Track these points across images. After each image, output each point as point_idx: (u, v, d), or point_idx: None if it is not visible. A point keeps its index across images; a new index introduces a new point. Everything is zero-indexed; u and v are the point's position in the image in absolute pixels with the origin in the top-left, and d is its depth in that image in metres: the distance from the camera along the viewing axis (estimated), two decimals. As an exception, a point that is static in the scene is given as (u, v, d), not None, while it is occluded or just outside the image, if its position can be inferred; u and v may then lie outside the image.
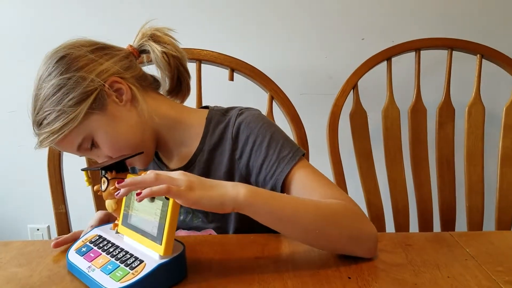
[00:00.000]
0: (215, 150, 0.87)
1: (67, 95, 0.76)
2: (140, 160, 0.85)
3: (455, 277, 0.67)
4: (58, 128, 0.76)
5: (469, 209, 1.25)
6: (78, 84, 0.77)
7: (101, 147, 0.80)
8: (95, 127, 0.78)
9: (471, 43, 1.23)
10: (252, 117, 0.86)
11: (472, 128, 1.24)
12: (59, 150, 0.86)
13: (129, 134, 0.81)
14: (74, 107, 0.76)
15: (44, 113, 0.77)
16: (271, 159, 0.81)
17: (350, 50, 1.57)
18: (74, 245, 0.75)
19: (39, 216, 1.82)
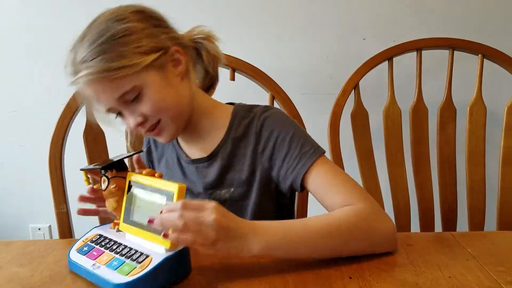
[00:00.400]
0: (239, 143, 0.89)
1: (137, 42, 0.77)
2: (167, 133, 0.84)
3: (456, 277, 0.67)
4: (115, 67, 0.74)
5: (471, 209, 1.24)
6: (151, 36, 0.79)
7: (143, 103, 0.79)
8: (148, 81, 0.78)
9: (473, 43, 1.23)
10: (276, 115, 0.90)
11: (474, 128, 1.24)
12: (91, 95, 0.79)
13: (175, 100, 0.83)
14: (140, 55, 0.76)
15: (102, 49, 0.75)
16: (293, 153, 0.84)
17: (351, 50, 1.57)
18: (75, 245, 0.74)
19: (41, 215, 1.82)
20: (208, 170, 0.90)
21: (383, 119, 1.24)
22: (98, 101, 0.80)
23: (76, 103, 1.12)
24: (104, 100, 0.79)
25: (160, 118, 0.81)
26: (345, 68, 1.26)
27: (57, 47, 1.72)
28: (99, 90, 0.77)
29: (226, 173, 0.89)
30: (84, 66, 0.75)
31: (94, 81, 0.75)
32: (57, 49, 1.76)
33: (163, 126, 0.82)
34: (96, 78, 0.75)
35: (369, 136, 1.24)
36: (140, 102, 0.79)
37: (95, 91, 0.78)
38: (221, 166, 0.89)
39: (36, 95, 1.71)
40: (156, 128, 0.82)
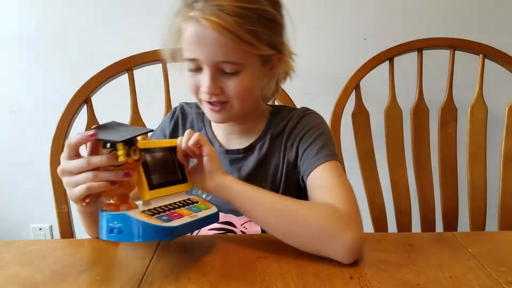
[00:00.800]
0: (275, 140, 0.91)
1: (272, 31, 0.80)
2: (225, 115, 0.85)
3: (458, 277, 0.67)
4: (244, 38, 0.75)
5: (472, 209, 1.24)
6: (279, 34, 0.83)
7: (233, 81, 0.80)
8: (251, 68, 0.80)
9: (474, 43, 1.23)
10: (314, 115, 0.93)
11: (475, 128, 1.24)
12: (194, 37, 0.77)
13: (253, 96, 0.87)
14: (266, 43, 0.78)
15: (246, 14, 0.75)
16: (313, 149, 0.86)
17: (352, 50, 1.57)
18: (148, 220, 0.64)
19: (42, 215, 1.83)
20: (243, 163, 0.92)
21: (384, 119, 1.24)
22: (198, 48, 0.77)
23: (77, 104, 1.12)
24: (205, 51, 0.77)
25: (229, 101, 0.82)
26: (346, 68, 1.26)
27: (58, 47, 1.74)
28: (212, 41, 0.75)
29: (261, 168, 0.91)
30: (219, 12, 0.73)
31: (218, 31, 0.74)
32: (58, 49, 1.78)
33: (227, 108, 0.83)
34: (221, 31, 0.73)
35: (370, 136, 1.24)
36: (230, 78, 0.80)
37: (207, 38, 0.76)
38: (257, 161, 0.91)
39: (37, 95, 1.71)
40: (219, 106, 0.83)
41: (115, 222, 0.63)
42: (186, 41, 0.79)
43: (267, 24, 0.78)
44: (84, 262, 0.74)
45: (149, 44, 1.19)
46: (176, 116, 1.00)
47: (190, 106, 1.00)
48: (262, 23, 0.77)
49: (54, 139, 1.10)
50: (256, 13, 0.76)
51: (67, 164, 0.65)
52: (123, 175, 0.64)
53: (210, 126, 0.96)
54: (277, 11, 0.82)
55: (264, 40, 0.78)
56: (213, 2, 0.74)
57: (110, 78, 1.15)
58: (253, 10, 0.75)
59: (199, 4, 0.75)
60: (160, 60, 1.18)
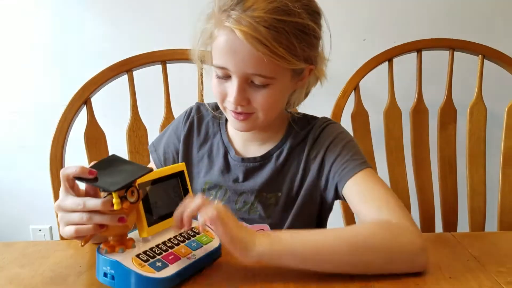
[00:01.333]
0: (294, 150, 0.89)
1: (306, 44, 0.76)
2: (249, 125, 0.83)
3: (457, 277, 0.67)
4: (277, 52, 0.72)
5: (471, 210, 1.24)
6: (313, 46, 0.79)
7: (261, 94, 0.77)
8: (281, 81, 0.78)
9: (473, 43, 1.23)
10: (336, 126, 0.90)
11: (474, 128, 1.24)
12: (226, 45, 0.74)
13: (280, 108, 0.85)
14: (299, 57, 0.75)
15: (282, 27, 0.71)
16: (343, 159, 0.83)
17: (352, 50, 1.57)
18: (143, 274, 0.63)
19: (41, 217, 1.83)
20: (259, 172, 0.89)
21: (384, 120, 1.24)
22: (229, 57, 0.75)
23: (76, 105, 1.12)
24: (237, 62, 0.75)
25: (255, 112, 0.80)
26: (345, 69, 1.26)
27: (59, 48, 1.74)
28: (245, 53, 0.73)
29: (277, 177, 0.89)
30: (256, 24, 0.70)
31: (252, 45, 0.71)
32: (58, 50, 1.78)
33: (252, 118, 0.81)
34: (256, 45, 0.70)
35: (369, 137, 1.24)
36: (258, 91, 0.77)
37: (240, 49, 0.73)
38: (273, 170, 0.88)
39: (37, 96, 1.71)
40: (244, 116, 0.80)
41: (108, 267, 0.62)
42: (218, 48, 0.76)
43: (304, 38, 0.75)
44: (84, 264, 0.74)
45: (149, 45, 1.20)
46: (191, 117, 0.96)
47: (205, 108, 0.97)
48: (299, 37, 0.74)
49: (54, 140, 1.10)
50: (294, 26, 0.73)
51: (63, 202, 0.64)
52: (117, 220, 0.62)
53: (226, 131, 0.94)
54: (316, 22, 0.78)
55: (299, 55, 0.75)
56: (250, 13, 0.71)
57: (110, 79, 1.15)
58: (292, 24, 0.72)
59: (235, 13, 0.72)
60: (160, 61, 1.18)
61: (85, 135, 1.14)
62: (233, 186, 0.90)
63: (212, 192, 0.91)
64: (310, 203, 0.88)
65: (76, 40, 1.64)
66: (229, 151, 0.92)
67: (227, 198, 0.90)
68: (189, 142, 0.95)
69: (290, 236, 0.66)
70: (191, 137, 0.95)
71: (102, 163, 0.64)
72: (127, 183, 0.60)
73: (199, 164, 0.94)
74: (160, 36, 1.60)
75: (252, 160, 0.90)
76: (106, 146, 1.16)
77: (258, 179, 0.89)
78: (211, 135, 0.94)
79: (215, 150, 0.93)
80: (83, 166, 0.61)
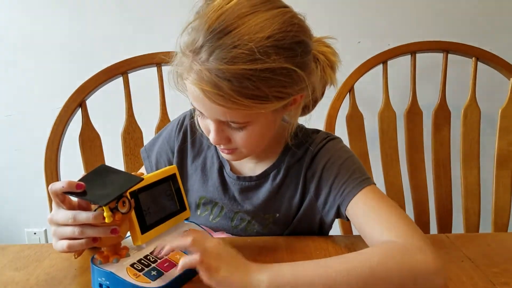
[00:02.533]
0: (291, 169, 0.84)
1: (280, 86, 0.67)
2: (236, 157, 0.79)
3: (451, 278, 0.67)
4: (245, 104, 0.66)
5: (466, 211, 1.25)
6: (291, 82, 0.69)
7: (240, 135, 0.73)
8: (259, 121, 0.72)
9: (466, 46, 1.24)
10: (335, 142, 0.85)
11: (468, 130, 1.24)
12: (195, 95, 0.68)
13: (266, 141, 0.79)
14: (275, 100, 0.68)
15: (244, 74, 0.64)
16: (341, 179, 0.78)
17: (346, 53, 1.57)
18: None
19: (36, 220, 1.82)
20: (255, 191, 0.85)
21: (378, 122, 1.25)
22: (199, 105, 0.71)
23: (71, 107, 1.12)
24: (206, 111, 0.71)
25: (238, 148, 0.76)
26: (340, 71, 1.26)
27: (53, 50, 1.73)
28: (211, 106, 0.68)
29: (274, 197, 0.84)
30: (216, 80, 0.64)
31: (213, 102, 0.66)
32: (53, 52, 1.77)
33: (237, 153, 0.78)
34: (217, 100, 0.66)
35: (364, 139, 1.24)
36: (237, 132, 0.73)
37: (205, 102, 0.68)
38: (270, 191, 0.84)
39: (32, 99, 1.71)
40: (229, 150, 0.77)
41: (103, 278, 0.62)
42: (188, 94, 0.72)
43: (278, 80, 0.67)
44: (79, 267, 0.74)
45: (144, 47, 1.20)
46: (185, 126, 0.92)
47: None
48: (270, 81, 0.66)
49: (49, 142, 1.10)
50: (261, 73, 0.65)
51: (54, 216, 0.63)
52: (110, 231, 0.61)
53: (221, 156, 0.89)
54: (295, 55, 0.68)
55: (273, 97, 0.68)
56: (212, 64, 0.64)
57: (105, 82, 1.15)
58: (258, 71, 0.64)
59: (196, 65, 0.66)
60: (155, 63, 1.18)
61: (80, 138, 1.14)
62: (229, 204, 0.87)
63: (207, 207, 0.89)
64: (309, 223, 0.85)
65: (71, 42, 1.64)
66: (224, 167, 0.88)
67: (223, 215, 0.87)
68: (183, 153, 0.92)
69: (291, 271, 0.61)
70: (185, 147, 0.92)
71: (91, 174, 0.64)
72: (117, 196, 0.60)
73: (192, 176, 0.91)
74: (156, 38, 1.59)
75: (248, 179, 0.86)
76: (101, 148, 1.16)
77: (254, 200, 0.85)
78: (205, 147, 0.91)
79: (209, 163, 0.89)
80: (70, 180, 0.60)
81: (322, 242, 0.81)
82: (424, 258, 0.62)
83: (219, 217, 0.88)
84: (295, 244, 0.80)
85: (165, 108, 1.20)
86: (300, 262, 0.63)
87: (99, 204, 0.60)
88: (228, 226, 0.87)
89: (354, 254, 0.65)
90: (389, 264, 0.61)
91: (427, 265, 0.62)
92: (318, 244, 0.80)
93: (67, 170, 1.13)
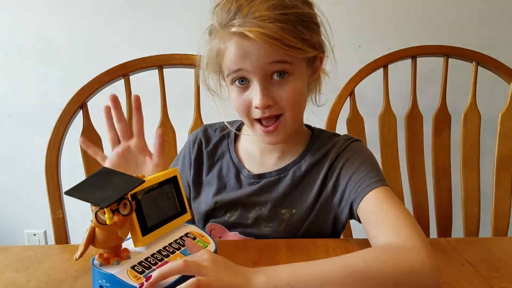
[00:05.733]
0: (313, 168, 0.87)
1: (315, 32, 0.79)
2: (281, 133, 0.82)
3: (451, 283, 0.67)
4: (290, 44, 0.74)
5: (466, 215, 1.25)
6: (317, 30, 0.81)
7: (285, 87, 0.78)
8: (299, 71, 0.79)
9: (467, 50, 1.24)
10: (357, 144, 0.89)
11: (468, 134, 1.24)
12: (236, 50, 0.76)
13: (304, 101, 0.84)
14: (312, 46, 0.78)
15: (287, 19, 0.74)
16: (358, 177, 0.81)
17: (347, 57, 1.58)
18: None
19: (36, 221, 1.82)
20: (275, 186, 0.87)
21: (379, 126, 1.25)
22: (244, 59, 0.76)
23: (73, 109, 1.12)
24: (252, 61, 0.75)
25: (282, 113, 0.79)
26: (341, 75, 1.26)
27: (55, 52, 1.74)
28: (259, 51, 0.74)
29: (293, 194, 0.87)
30: (260, 23, 0.72)
31: (263, 41, 0.72)
32: (54, 54, 1.77)
33: (282, 123, 0.80)
34: (267, 40, 0.72)
35: (364, 142, 1.24)
36: (282, 85, 0.78)
37: (252, 50, 0.74)
38: (289, 185, 0.87)
39: (33, 100, 1.71)
40: (275, 124, 0.80)
41: (103, 281, 0.62)
42: (229, 58, 0.77)
43: (308, 25, 0.77)
44: (80, 268, 0.74)
45: (146, 49, 1.20)
46: (199, 139, 0.96)
47: (214, 129, 0.97)
48: (304, 25, 0.76)
49: (50, 144, 1.10)
50: (296, 16, 0.75)
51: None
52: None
53: (235, 151, 0.93)
54: (312, 9, 0.81)
55: (308, 42, 0.76)
56: (251, 15, 0.73)
57: (106, 84, 1.15)
58: (293, 14, 0.74)
59: (237, 21, 0.74)
60: (156, 66, 1.18)
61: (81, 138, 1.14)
62: (246, 200, 0.88)
63: (223, 209, 0.90)
64: (323, 221, 0.86)
65: (73, 44, 1.64)
66: (241, 171, 0.90)
67: (237, 215, 0.89)
68: (199, 167, 0.95)
69: (288, 272, 0.61)
70: (200, 160, 0.95)
71: (93, 177, 0.64)
72: (118, 198, 0.60)
73: (207, 187, 0.93)
74: (157, 41, 1.60)
75: (268, 175, 0.88)
76: (103, 150, 1.16)
77: (273, 194, 0.87)
78: (220, 157, 0.93)
79: (225, 171, 0.92)
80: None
81: (322, 244, 0.81)
82: (417, 257, 0.63)
83: (235, 216, 0.89)
84: (294, 246, 0.80)
85: (166, 110, 1.20)
86: (296, 264, 0.64)
87: (100, 206, 0.60)
88: (244, 224, 0.88)
89: (350, 254, 0.66)
90: (384, 262, 0.63)
91: (421, 264, 0.63)
92: (318, 247, 0.80)
93: (68, 172, 1.13)
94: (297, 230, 0.86)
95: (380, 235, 0.71)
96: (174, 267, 0.59)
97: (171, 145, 1.20)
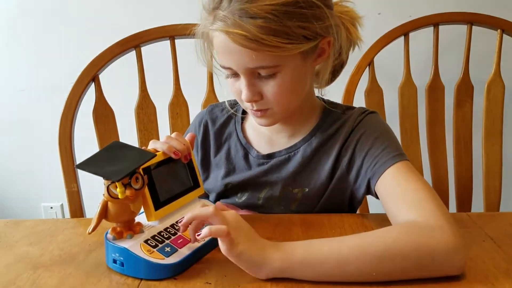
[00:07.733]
0: (325, 144, 0.83)
1: (304, 20, 0.69)
2: (269, 120, 0.80)
3: (472, 258, 0.65)
4: (272, 43, 0.67)
5: (486, 189, 1.22)
6: (315, 18, 0.71)
7: (271, 84, 0.74)
8: (289, 67, 0.73)
9: (492, 17, 1.20)
10: (372, 117, 0.84)
11: (491, 106, 1.21)
12: (222, 48, 0.72)
13: (297, 97, 0.79)
14: (300, 38, 0.70)
15: (270, 12, 0.67)
16: (375, 152, 0.77)
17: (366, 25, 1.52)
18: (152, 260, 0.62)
19: (53, 194, 1.84)
20: (285, 165, 0.85)
21: (399, 97, 1.22)
22: (227, 57, 0.73)
23: (84, 82, 1.11)
24: (235, 60, 0.72)
25: (270, 108, 0.77)
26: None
27: (65, 25, 1.72)
28: (240, 51, 0.70)
29: (304, 171, 0.84)
30: (240, 21, 0.67)
31: (240, 44, 0.68)
32: (65, 27, 1.76)
33: (269, 114, 0.78)
34: (244, 43, 0.68)
35: (383, 115, 1.22)
36: (268, 82, 0.74)
37: (233, 49, 0.70)
38: (300, 164, 0.83)
39: (45, 73, 1.70)
40: (261, 112, 0.78)
41: (117, 254, 0.63)
42: (217, 49, 0.75)
43: (302, 15, 0.69)
44: (93, 242, 0.74)
45: (157, 20, 1.17)
46: (204, 121, 0.94)
47: (221, 108, 0.94)
48: (295, 17, 0.68)
49: (62, 117, 1.09)
50: (286, 9, 0.68)
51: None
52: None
53: (242, 131, 0.90)
54: None
55: (298, 36, 0.70)
56: (236, 6, 0.68)
57: (118, 55, 1.13)
58: (280, 5, 0.67)
59: (220, 12, 0.70)
60: (168, 36, 1.16)
61: (94, 113, 1.14)
62: (255, 181, 0.86)
63: (233, 190, 0.88)
64: (339, 198, 0.84)
65: (83, 16, 1.62)
66: (249, 152, 0.88)
67: (247, 195, 0.87)
68: (206, 148, 0.93)
69: (304, 249, 0.61)
70: (207, 141, 0.93)
71: (104, 151, 0.64)
72: (130, 171, 0.60)
73: (216, 168, 0.91)
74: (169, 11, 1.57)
75: (277, 155, 0.85)
76: (115, 123, 1.15)
77: (283, 173, 0.84)
78: (227, 137, 0.91)
79: (233, 152, 0.89)
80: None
81: (338, 220, 0.79)
82: (443, 236, 0.60)
83: (245, 196, 0.87)
84: (309, 222, 0.78)
85: (179, 82, 1.18)
86: (313, 240, 0.62)
87: (112, 180, 0.60)
88: (255, 204, 0.87)
89: (369, 232, 0.63)
90: (405, 242, 0.60)
91: (446, 244, 0.59)
92: (334, 223, 0.78)
93: (81, 145, 1.13)
94: (312, 208, 0.84)
95: (401, 213, 0.68)
96: (203, 212, 0.61)
97: (184, 118, 1.19)
